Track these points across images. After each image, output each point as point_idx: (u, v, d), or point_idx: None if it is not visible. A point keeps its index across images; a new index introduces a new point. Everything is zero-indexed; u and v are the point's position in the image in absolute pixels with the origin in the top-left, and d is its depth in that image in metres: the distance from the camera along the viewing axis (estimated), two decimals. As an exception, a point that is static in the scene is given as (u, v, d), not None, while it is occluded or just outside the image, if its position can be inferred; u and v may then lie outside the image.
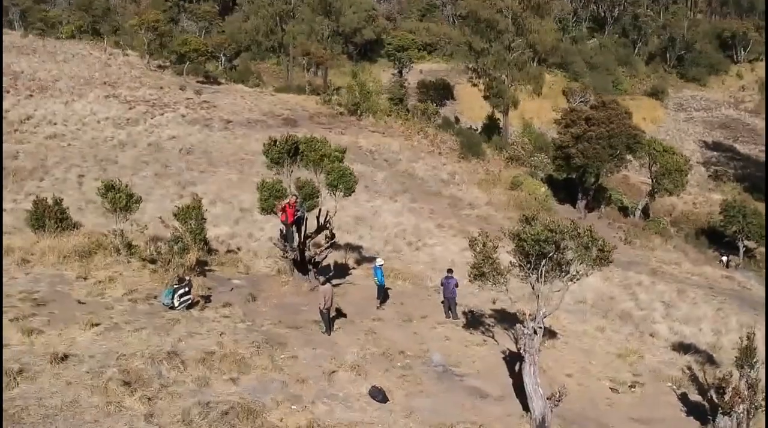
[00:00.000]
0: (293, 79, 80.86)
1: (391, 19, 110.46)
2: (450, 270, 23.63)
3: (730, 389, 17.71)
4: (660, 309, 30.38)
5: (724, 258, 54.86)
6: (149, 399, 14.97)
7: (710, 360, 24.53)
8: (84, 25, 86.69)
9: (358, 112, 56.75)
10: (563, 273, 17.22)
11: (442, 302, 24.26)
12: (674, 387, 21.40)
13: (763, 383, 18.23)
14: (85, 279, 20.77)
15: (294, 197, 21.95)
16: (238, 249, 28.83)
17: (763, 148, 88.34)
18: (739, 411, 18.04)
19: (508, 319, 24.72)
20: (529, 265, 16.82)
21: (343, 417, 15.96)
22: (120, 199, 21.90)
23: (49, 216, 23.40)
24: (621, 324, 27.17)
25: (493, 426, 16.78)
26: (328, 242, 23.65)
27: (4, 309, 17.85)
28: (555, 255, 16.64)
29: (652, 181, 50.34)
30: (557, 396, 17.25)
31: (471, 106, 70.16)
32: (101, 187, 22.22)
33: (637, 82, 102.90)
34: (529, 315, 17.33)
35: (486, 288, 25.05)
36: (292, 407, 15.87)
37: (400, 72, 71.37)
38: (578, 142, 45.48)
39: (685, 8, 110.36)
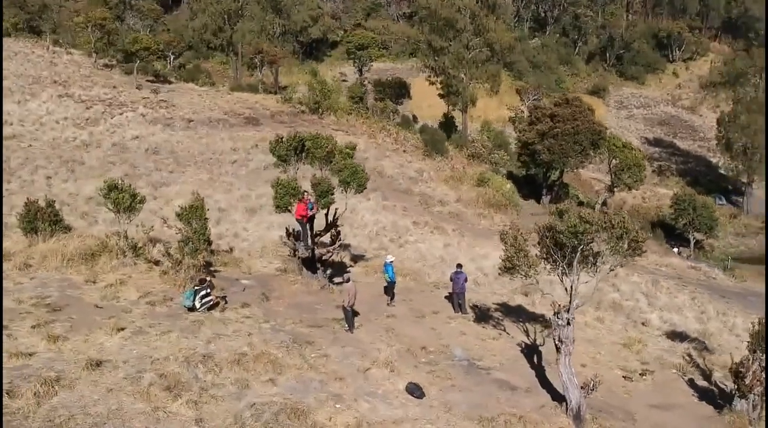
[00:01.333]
0: (242, 78, 79.73)
1: (336, 17, 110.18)
2: (459, 265, 23.79)
3: (750, 373, 18.36)
4: (643, 300, 31.32)
5: (675, 250, 57.06)
6: (195, 403, 14.59)
7: (704, 346, 25.41)
8: (20, 23, 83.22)
9: (320, 110, 56.36)
10: (592, 265, 17.54)
11: (446, 297, 24.47)
12: (680, 374, 22.09)
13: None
14: (95, 282, 20.03)
15: (307, 194, 21.68)
16: (231, 249, 28.27)
17: (702, 143, 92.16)
18: (756, 394, 18.79)
19: (513, 312, 25.12)
20: (564, 258, 17.04)
21: (387, 415, 15.87)
22: (124, 200, 21.16)
23: (42, 219, 22.39)
24: (614, 314, 27.88)
25: (531, 417, 16.95)
26: (334, 240, 23.45)
27: (21, 315, 17.09)
28: (585, 247, 16.92)
29: (612, 176, 51.77)
30: (591, 385, 17.61)
31: (426, 104, 70.63)
32: (103, 186, 21.40)
33: (578, 80, 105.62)
34: (563, 306, 17.54)
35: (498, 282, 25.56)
36: (336, 406, 15.68)
37: (360, 70, 71.21)
38: (544, 139, 46.37)
39: (621, 9, 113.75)
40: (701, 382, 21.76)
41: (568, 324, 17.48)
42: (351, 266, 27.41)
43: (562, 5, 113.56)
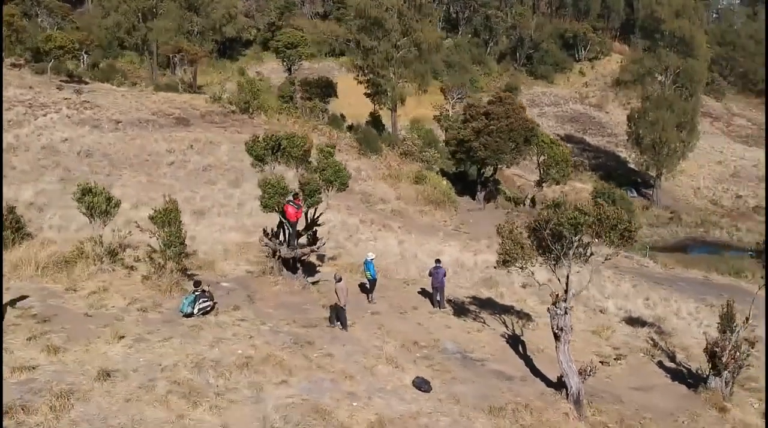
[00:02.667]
0: (156, 78, 77.44)
1: (250, 15, 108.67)
2: (438, 261, 24.16)
3: (726, 352, 19.62)
4: (593, 288, 32.61)
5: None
6: (217, 409, 14.37)
7: (661, 330, 26.82)
8: None
9: (250, 110, 55.54)
10: (582, 256, 18.29)
11: (419, 292, 24.82)
12: (649, 357, 23.32)
13: (744, 345, 20.28)
14: (75, 291, 19.18)
15: (297, 194, 21.51)
16: (194, 251, 27.52)
17: (610, 139, 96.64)
18: (729, 371, 20.11)
19: (486, 305, 25.73)
20: (560, 249, 17.68)
21: (403, 410, 16.05)
22: (99, 203, 20.32)
23: (5, 227, 21.18)
24: (574, 303, 28.88)
25: (536, 405, 17.53)
26: (311, 240, 23.34)
27: (10, 327, 16.21)
28: (578, 238, 17.64)
29: (541, 171, 53.60)
30: (587, 371, 18.38)
31: (352, 102, 70.74)
32: (76, 190, 20.47)
33: (491, 79, 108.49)
34: (560, 295, 18.20)
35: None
36: (353, 404, 15.77)
37: (289, 69, 70.36)
38: (480, 136, 47.50)
39: (529, 10, 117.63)
40: (669, 364, 23.02)
41: (566, 313, 18.17)
42: (319, 265, 27.27)
43: (473, 6, 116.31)
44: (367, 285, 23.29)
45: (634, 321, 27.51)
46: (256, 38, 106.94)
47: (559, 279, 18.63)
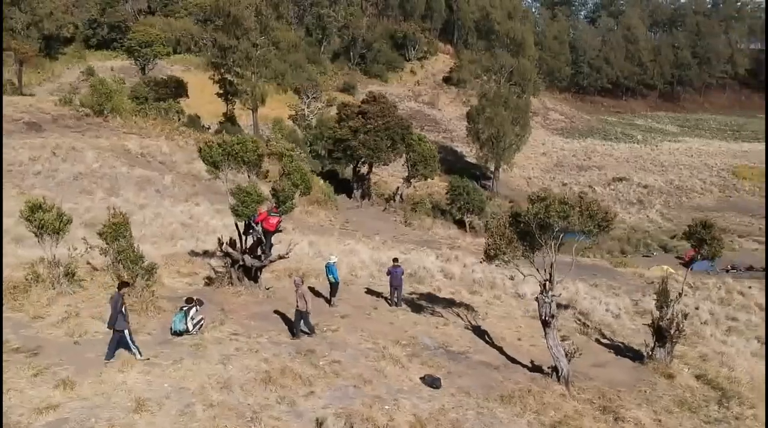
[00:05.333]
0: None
1: (68, 12, 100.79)
2: (396, 259, 24.49)
3: (674, 325, 21.84)
4: (498, 276, 34.50)
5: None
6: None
7: (579, 310, 29.09)
8: None
9: (104, 112, 51.92)
10: (560, 245, 19.57)
11: (366, 291, 25.00)
12: (587, 336, 25.29)
13: (680, 316, 22.65)
14: (43, 318, 17.31)
15: (273, 203, 20.80)
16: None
17: (446, 135, 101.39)
18: (671, 342, 22.41)
19: (433, 299, 26.41)
20: (546, 241, 18.78)
21: (429, 407, 16.39)
22: (51, 221, 18.41)
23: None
24: (493, 291, 30.48)
25: (534, 389, 18.52)
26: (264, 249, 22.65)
27: (9, 367, 14.41)
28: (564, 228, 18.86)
29: (409, 168, 55.27)
30: (571, 353, 19.70)
31: (204, 103, 68.33)
32: (25, 208, 18.38)
33: (327, 78, 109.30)
34: (548, 285, 19.30)
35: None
36: (385, 407, 15.84)
37: (143, 69, 65.89)
38: (357, 135, 48.07)
39: (359, 10, 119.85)
40: (604, 341, 25.15)
41: (552, 301, 19.32)
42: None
43: (305, 5, 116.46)
44: (329, 289, 23.04)
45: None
46: (75, 36, 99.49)
47: (538, 270, 19.66)
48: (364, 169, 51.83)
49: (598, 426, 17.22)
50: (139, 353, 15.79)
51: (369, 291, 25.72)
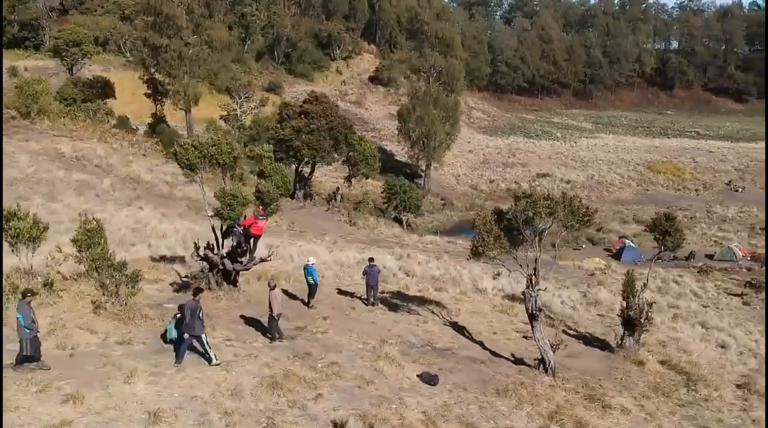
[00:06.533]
0: None
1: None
2: (371, 259, 24.56)
3: (644, 314, 22.81)
4: (453, 272, 35.07)
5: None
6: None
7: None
8: None
9: (31, 114, 49.61)
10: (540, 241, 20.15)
11: (338, 291, 24.97)
12: (553, 328, 26.05)
13: (648, 308, 23.64)
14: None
15: (260, 207, 20.45)
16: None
17: (374, 134, 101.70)
18: (638, 331, 23.41)
19: (403, 297, 26.58)
20: (533, 237, 19.31)
21: (433, 404, 16.64)
22: (27, 230, 17.58)
23: None
24: (456, 287, 30.96)
25: (524, 381, 19.02)
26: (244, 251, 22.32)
27: (8, 383, 13.72)
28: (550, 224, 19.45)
29: (349, 167, 55.28)
30: (556, 345, 20.31)
31: (131, 103, 66.24)
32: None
33: (252, 78, 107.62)
34: (533, 280, 19.80)
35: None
36: (392, 406, 15.98)
37: (71, 70, 62.79)
38: (300, 135, 47.72)
39: (282, 9, 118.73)
40: (571, 332, 26.00)
41: (538, 295, 19.86)
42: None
43: (227, 4, 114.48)
44: (307, 290, 22.89)
45: (513, 298, 30.25)
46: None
47: (520, 265, 20.16)
48: (306, 170, 51.50)
49: (590, 414, 17.82)
50: (215, 358, 16.10)
51: (341, 292, 25.70)
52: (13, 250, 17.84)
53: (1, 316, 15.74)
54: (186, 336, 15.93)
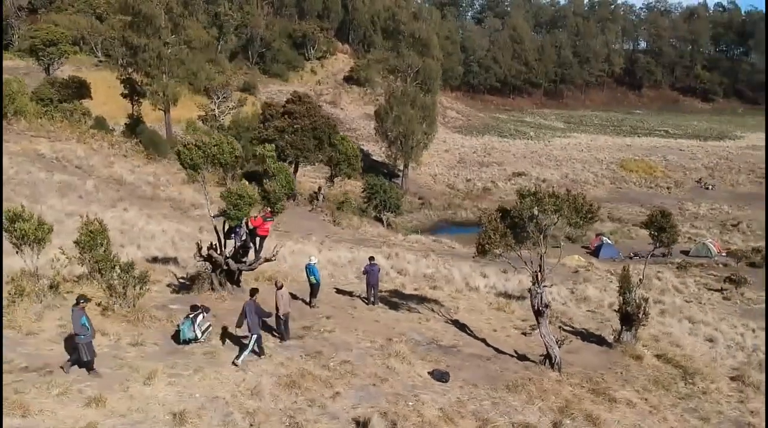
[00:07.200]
0: None
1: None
2: (372, 258, 24.55)
3: (641, 309, 23.18)
4: (443, 270, 35.27)
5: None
6: (313, 431, 13.81)
7: (523, 297, 29.96)
8: None
9: (7, 115, 48.69)
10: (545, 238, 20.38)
11: (336, 291, 24.99)
12: (551, 324, 26.32)
13: (645, 303, 24.02)
14: (37, 334, 16.28)
15: (267, 208, 20.35)
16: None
17: (351, 133, 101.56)
18: (636, 326, 23.79)
19: (401, 296, 26.67)
20: (538, 234, 19.52)
21: (447, 401, 16.76)
22: (33, 231, 17.32)
23: None
24: (450, 285, 31.15)
25: (533, 377, 19.22)
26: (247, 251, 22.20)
27: (12, 386, 13.51)
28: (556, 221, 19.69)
29: (332, 167, 55.20)
30: (561, 341, 20.57)
31: (108, 103, 65.29)
32: (5, 218, 17.17)
33: (226, 78, 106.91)
34: (540, 278, 20.01)
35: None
36: (409, 404, 16.07)
37: (47, 69, 61.61)
38: (284, 135, 47.55)
39: (256, 8, 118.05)
40: (567, 328, 26.29)
41: (543, 292, 20.08)
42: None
43: (202, 3, 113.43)
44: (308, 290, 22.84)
45: (506, 295, 30.55)
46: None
47: (525, 263, 20.37)
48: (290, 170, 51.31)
49: (599, 407, 18.08)
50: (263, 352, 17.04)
51: (339, 291, 25.71)
52: (17, 252, 17.54)
53: (1, 318, 15.45)
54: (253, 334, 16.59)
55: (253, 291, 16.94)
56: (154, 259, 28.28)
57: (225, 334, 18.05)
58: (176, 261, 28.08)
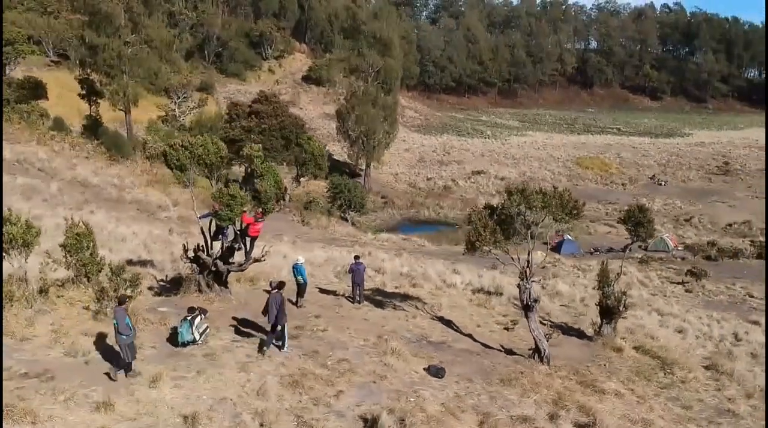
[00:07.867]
0: None
1: None
2: (357, 257, 24.61)
3: (622, 302, 23.79)
4: (419, 269, 35.50)
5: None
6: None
7: (501, 294, 30.50)
8: None
9: (-39, 117, 47.22)
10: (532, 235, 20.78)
11: (319, 291, 25.03)
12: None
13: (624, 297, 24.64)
14: (30, 339, 15.93)
15: (258, 208, 20.20)
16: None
17: (311, 133, 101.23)
18: (615, 319, 24.41)
19: (384, 294, 26.79)
20: (525, 231, 19.90)
21: (446, 396, 16.97)
22: (20, 235, 16.95)
23: None
24: (428, 282, 31.37)
25: (524, 371, 19.59)
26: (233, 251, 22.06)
27: (15, 392, 13.26)
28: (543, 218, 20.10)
29: (298, 167, 55.05)
30: (549, 335, 20.99)
31: (64, 104, 63.79)
32: (-7, 220, 16.75)
33: (185, 77, 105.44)
34: (528, 273, 20.38)
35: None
36: (410, 400, 16.24)
37: (3, 70, 59.53)
38: (251, 135, 47.20)
39: (212, 7, 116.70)
40: (545, 322, 26.79)
41: (532, 287, 20.47)
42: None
43: (160, 2, 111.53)
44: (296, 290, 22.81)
45: (485, 292, 30.91)
46: None
47: (512, 258, 20.74)
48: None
49: (589, 399, 18.53)
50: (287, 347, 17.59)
51: (323, 291, 25.70)
52: (5, 256, 17.12)
53: (1, 321, 15.17)
54: (278, 326, 17.08)
55: (280, 285, 17.50)
56: (129, 262, 27.69)
57: (221, 336, 17.93)
58: (152, 263, 27.64)
